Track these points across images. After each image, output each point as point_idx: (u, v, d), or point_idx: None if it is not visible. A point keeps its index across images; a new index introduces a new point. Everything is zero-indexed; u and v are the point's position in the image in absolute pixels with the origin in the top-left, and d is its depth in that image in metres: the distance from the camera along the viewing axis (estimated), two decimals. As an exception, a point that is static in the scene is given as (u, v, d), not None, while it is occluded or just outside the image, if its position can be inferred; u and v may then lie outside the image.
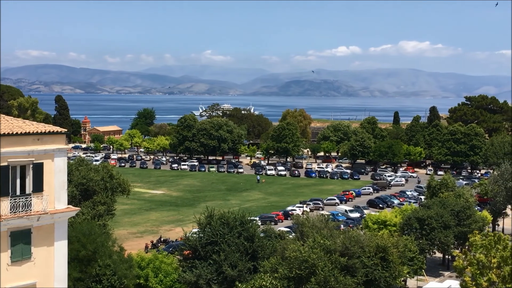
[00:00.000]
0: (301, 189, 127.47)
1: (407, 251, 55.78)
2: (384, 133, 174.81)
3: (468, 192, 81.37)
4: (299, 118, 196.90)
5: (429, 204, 70.58)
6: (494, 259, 45.63)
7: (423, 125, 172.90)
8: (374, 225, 68.99)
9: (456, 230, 65.66)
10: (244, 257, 48.20)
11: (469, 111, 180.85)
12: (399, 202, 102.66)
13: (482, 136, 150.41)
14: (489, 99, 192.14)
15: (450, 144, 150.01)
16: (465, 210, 68.61)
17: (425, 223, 63.94)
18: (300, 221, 56.15)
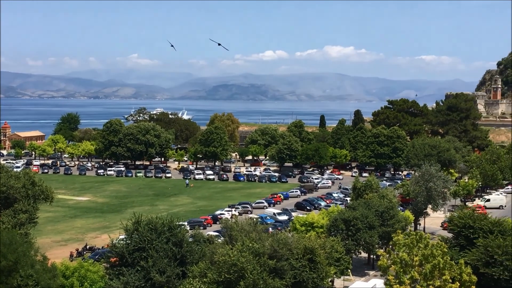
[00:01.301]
0: (229, 193, 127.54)
1: (334, 252, 56.82)
2: (310, 136, 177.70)
3: (391, 193, 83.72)
4: (227, 122, 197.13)
5: (355, 205, 72.18)
6: (416, 257, 47.19)
7: (348, 128, 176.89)
8: (302, 227, 69.88)
9: (380, 230, 67.47)
10: (172, 262, 47.71)
11: (391, 114, 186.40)
12: (326, 204, 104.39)
13: (404, 139, 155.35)
14: (410, 102, 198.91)
15: (374, 146, 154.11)
16: (389, 210, 70.63)
17: (351, 224, 65.32)
18: (229, 225, 56.13)
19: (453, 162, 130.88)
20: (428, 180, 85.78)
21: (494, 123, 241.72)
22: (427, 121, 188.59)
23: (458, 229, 60.07)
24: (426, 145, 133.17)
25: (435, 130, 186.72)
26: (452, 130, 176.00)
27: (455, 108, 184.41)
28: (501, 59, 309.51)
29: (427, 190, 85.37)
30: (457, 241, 59.78)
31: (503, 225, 59.97)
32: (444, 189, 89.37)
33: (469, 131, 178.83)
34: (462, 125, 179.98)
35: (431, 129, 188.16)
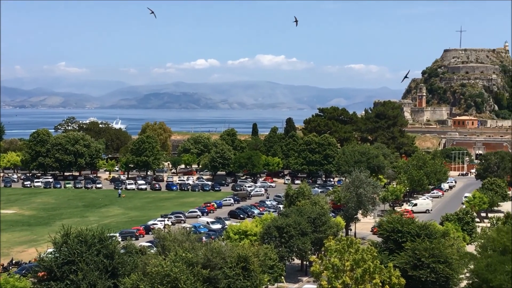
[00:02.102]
0: (162, 202, 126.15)
1: (268, 259, 57.11)
2: (243, 144, 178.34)
3: (323, 199, 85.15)
4: (159, 131, 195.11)
5: (287, 212, 72.89)
6: (348, 262, 48.14)
7: (280, 136, 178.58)
8: (236, 235, 69.90)
9: (313, 236, 68.35)
10: (103, 275, 46.62)
11: (322, 122, 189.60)
12: (259, 212, 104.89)
13: (334, 146, 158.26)
14: (340, 110, 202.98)
15: (306, 154, 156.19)
16: (321, 217, 71.70)
17: (284, 231, 65.88)
18: (162, 235, 55.49)
19: (381, 168, 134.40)
20: (358, 186, 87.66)
21: (420, 129, 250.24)
22: (356, 128, 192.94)
23: (387, 234, 61.63)
24: (356, 152, 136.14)
25: (364, 137, 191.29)
26: (381, 137, 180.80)
27: (383, 115, 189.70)
28: (425, 68, 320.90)
29: (357, 196, 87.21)
30: (386, 245, 61.32)
31: (430, 229, 62.02)
32: (374, 194, 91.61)
33: (397, 138, 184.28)
34: (390, 132, 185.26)
35: (360, 136, 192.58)
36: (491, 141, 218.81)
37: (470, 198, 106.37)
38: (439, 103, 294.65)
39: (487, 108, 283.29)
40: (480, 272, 49.20)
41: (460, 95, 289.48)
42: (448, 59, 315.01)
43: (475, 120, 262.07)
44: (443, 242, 58.88)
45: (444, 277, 53.39)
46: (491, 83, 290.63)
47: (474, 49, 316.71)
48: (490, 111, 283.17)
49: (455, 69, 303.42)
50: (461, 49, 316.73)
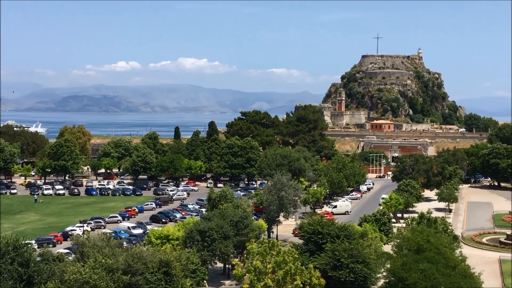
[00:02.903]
0: (81, 208, 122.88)
1: (190, 263, 56.82)
2: (165, 148, 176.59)
3: (245, 202, 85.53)
4: (78, 135, 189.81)
5: (210, 216, 72.76)
6: (269, 264, 48.59)
7: (203, 140, 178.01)
8: (157, 240, 69.09)
9: (235, 239, 68.54)
10: (18, 284, 44.94)
11: (244, 125, 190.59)
12: (182, 216, 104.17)
13: (257, 149, 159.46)
14: (262, 114, 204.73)
15: (228, 157, 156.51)
16: (243, 220, 72.02)
17: (207, 235, 65.73)
18: (80, 241, 54.08)
19: (303, 171, 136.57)
20: (280, 189, 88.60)
21: (340, 133, 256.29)
22: (278, 131, 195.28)
23: (308, 235, 62.71)
24: (277, 155, 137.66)
25: (286, 140, 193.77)
26: (302, 140, 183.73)
27: (304, 119, 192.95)
28: (344, 73, 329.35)
29: (279, 199, 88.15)
30: (307, 247, 62.39)
31: (349, 230, 63.64)
32: (295, 197, 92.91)
33: (317, 141, 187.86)
34: (310, 135, 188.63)
35: (282, 140, 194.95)
36: (406, 144, 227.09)
37: (386, 199, 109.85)
38: (357, 107, 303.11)
39: (402, 112, 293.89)
40: (396, 271, 50.92)
41: (377, 99, 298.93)
42: (366, 64, 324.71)
43: (391, 124, 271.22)
44: (361, 242, 60.58)
45: (363, 276, 54.90)
46: (406, 88, 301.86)
47: (390, 55, 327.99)
48: (405, 115, 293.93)
49: (372, 74, 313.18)
50: (378, 55, 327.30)
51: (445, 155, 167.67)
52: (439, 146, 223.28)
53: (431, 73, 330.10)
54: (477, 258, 77.81)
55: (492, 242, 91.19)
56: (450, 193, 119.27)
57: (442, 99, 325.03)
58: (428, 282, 48.44)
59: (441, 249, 52.60)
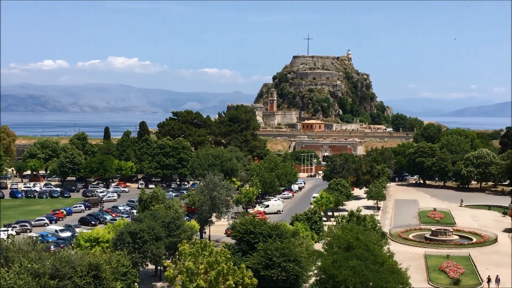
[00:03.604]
0: (6, 211, 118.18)
1: (120, 266, 55.72)
2: (95, 148, 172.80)
3: (177, 203, 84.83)
4: (2, 135, 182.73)
5: (141, 217, 71.66)
6: (202, 265, 48.34)
7: (134, 140, 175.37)
8: (87, 243, 67.45)
9: (167, 241, 67.77)
10: None
11: (176, 125, 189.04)
12: (112, 218, 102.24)
13: (188, 149, 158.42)
14: (194, 114, 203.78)
15: (160, 157, 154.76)
16: (175, 221, 71.30)
17: (138, 237, 64.68)
18: (5, 246, 52.09)
19: (235, 171, 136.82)
20: (212, 189, 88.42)
21: (271, 133, 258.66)
22: (210, 131, 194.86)
23: (240, 235, 62.81)
24: (210, 155, 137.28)
25: (218, 140, 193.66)
26: (234, 140, 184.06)
27: (236, 119, 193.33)
28: (276, 74, 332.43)
29: (212, 199, 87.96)
30: (239, 247, 62.50)
31: (281, 229, 64.19)
32: (227, 197, 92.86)
33: (249, 141, 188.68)
34: (243, 135, 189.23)
35: (214, 140, 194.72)
36: (337, 143, 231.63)
37: (317, 198, 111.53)
38: (289, 107, 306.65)
39: (332, 112, 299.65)
40: (326, 269, 51.72)
41: (308, 99, 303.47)
42: (297, 65, 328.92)
43: (322, 123, 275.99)
44: (293, 241, 61.20)
45: (294, 275, 55.48)
46: (336, 89, 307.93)
47: (320, 56, 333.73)
48: (335, 115, 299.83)
49: (303, 75, 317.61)
50: (309, 56, 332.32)
51: (374, 154, 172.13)
52: (368, 145, 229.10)
53: (360, 74, 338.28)
54: (404, 254, 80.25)
55: (418, 238, 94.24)
56: (378, 191, 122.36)
57: (370, 99, 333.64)
58: (357, 279, 49.46)
59: (370, 246, 53.80)
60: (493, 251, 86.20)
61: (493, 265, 77.10)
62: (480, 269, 74.16)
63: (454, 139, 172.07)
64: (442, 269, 73.90)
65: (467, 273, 72.50)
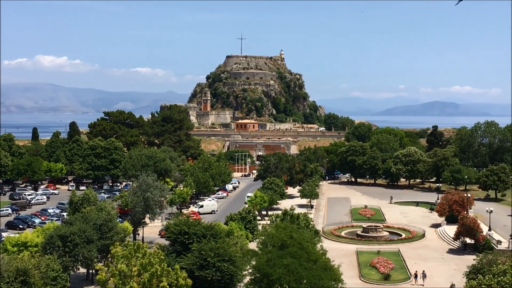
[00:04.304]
0: None
1: (50, 270, 54.18)
2: (22, 150, 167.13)
3: (109, 205, 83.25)
4: None
5: (72, 220, 69.92)
6: (135, 267, 47.61)
7: (64, 141, 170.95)
8: (14, 248, 65.15)
9: (99, 243, 66.40)
10: None
11: (108, 126, 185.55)
12: (41, 221, 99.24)
13: (121, 150, 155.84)
14: (127, 114, 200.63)
15: (91, 158, 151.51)
16: (107, 223, 69.94)
17: (68, 240, 63.04)
18: None
19: (169, 172, 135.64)
20: (145, 190, 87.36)
21: (205, 133, 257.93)
22: (143, 132, 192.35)
23: (174, 236, 62.27)
24: (143, 156, 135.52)
25: (151, 140, 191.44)
26: (167, 140, 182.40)
27: (169, 119, 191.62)
28: (210, 73, 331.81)
29: (145, 200, 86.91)
30: (173, 248, 61.97)
31: (215, 229, 64.05)
32: (161, 198, 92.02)
33: (183, 141, 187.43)
34: (176, 135, 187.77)
35: (147, 140, 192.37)
36: (270, 143, 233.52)
37: (252, 197, 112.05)
38: (223, 107, 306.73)
39: (266, 112, 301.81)
40: (261, 267, 51.97)
41: (242, 99, 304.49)
42: (230, 65, 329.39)
43: (255, 123, 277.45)
44: (227, 241, 61.19)
45: (229, 274, 55.48)
46: (269, 89, 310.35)
47: (254, 56, 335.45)
48: (269, 115, 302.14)
49: (237, 74, 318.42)
50: (242, 56, 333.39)
51: (307, 153, 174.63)
52: (301, 144, 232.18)
53: (293, 74, 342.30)
54: (337, 251, 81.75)
55: (350, 235, 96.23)
56: (311, 190, 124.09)
57: (303, 99, 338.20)
58: (291, 277, 49.95)
59: (303, 244, 54.42)
60: (421, 246, 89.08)
61: (421, 259, 79.72)
62: (409, 264, 76.50)
63: (384, 138, 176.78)
64: (373, 264, 75.74)
65: (396, 268, 74.62)
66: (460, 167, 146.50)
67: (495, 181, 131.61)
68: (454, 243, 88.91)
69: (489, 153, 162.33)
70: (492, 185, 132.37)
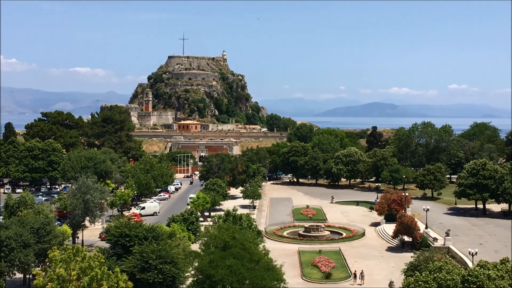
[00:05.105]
0: None
1: (-16, 277, 52.36)
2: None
3: (47, 208, 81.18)
4: None
5: (7, 224, 67.73)
6: (74, 271, 46.59)
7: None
8: None
9: (36, 247, 64.59)
10: None
11: (46, 127, 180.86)
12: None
13: (59, 151, 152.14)
14: (65, 114, 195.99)
15: (28, 160, 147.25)
16: (45, 226, 68.10)
17: (4, 245, 61.06)
18: None
19: (109, 173, 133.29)
20: (85, 193, 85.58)
21: (147, 134, 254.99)
22: (83, 133, 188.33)
23: (115, 239, 61.31)
24: (82, 157, 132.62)
25: (91, 142, 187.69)
26: (108, 142, 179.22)
27: (110, 120, 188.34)
28: (151, 74, 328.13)
29: (85, 203, 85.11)
30: (114, 251, 61.00)
31: (157, 231, 63.42)
32: (101, 200, 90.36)
33: (124, 142, 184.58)
34: (117, 136, 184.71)
35: (87, 141, 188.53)
36: (213, 144, 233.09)
37: (194, 198, 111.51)
38: (165, 108, 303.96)
39: (208, 113, 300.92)
40: (203, 269, 51.80)
41: (184, 100, 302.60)
42: (172, 65, 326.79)
43: (198, 124, 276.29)
44: (169, 243, 60.73)
45: (171, 276, 55.03)
46: (212, 89, 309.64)
47: (196, 56, 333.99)
48: (211, 115, 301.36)
49: (179, 75, 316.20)
50: (184, 56, 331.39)
51: (249, 154, 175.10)
52: (244, 145, 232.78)
53: (235, 75, 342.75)
54: (279, 251, 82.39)
55: (292, 235, 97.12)
56: (254, 191, 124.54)
57: (245, 100, 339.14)
58: (234, 277, 49.98)
59: (246, 244, 54.58)
60: (361, 244, 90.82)
61: (361, 258, 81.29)
62: (350, 262, 77.87)
63: (325, 139, 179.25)
64: (314, 264, 76.70)
65: (337, 266, 75.80)
66: (398, 167, 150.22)
67: (432, 180, 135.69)
68: (393, 241, 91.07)
69: (426, 153, 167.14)
70: (429, 184, 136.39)
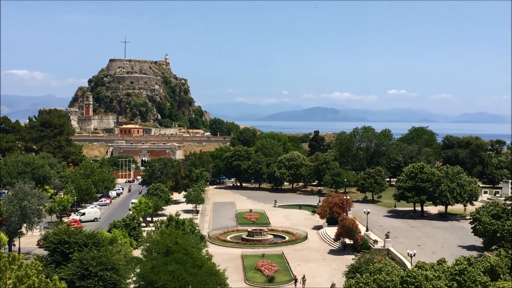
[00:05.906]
0: None
1: None
2: None
3: (-18, 215, 78.38)
4: None
5: None
6: (10, 280, 45.03)
7: None
8: None
9: (-30, 256, 62.25)
10: None
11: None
12: None
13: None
14: (1, 118, 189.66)
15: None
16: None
17: None
18: None
19: (48, 179, 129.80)
20: (22, 199, 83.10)
21: (88, 138, 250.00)
22: (20, 137, 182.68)
23: (53, 246, 59.73)
24: (19, 163, 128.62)
25: (29, 146, 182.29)
26: (47, 146, 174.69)
27: (48, 124, 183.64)
28: (92, 77, 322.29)
29: (22, 209, 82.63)
30: (53, 258, 59.42)
31: (97, 237, 62.17)
32: (39, 206, 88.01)
33: (64, 147, 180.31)
34: (56, 141, 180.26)
35: (24, 146, 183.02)
36: (155, 148, 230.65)
37: (136, 204, 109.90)
38: (106, 112, 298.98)
39: (151, 117, 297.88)
40: (145, 275, 51.10)
41: (126, 104, 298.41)
42: (114, 68, 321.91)
43: (140, 128, 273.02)
44: (110, 249, 59.62)
45: (112, 283, 53.99)
46: (154, 93, 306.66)
47: (138, 60, 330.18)
48: (154, 119, 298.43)
49: (120, 78, 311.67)
50: (126, 60, 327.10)
51: (192, 158, 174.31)
52: (187, 149, 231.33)
53: (178, 79, 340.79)
54: (222, 256, 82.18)
55: (235, 239, 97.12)
56: (197, 195, 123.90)
57: (188, 104, 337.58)
58: (177, 283, 49.50)
59: (188, 249, 54.17)
60: (303, 247, 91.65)
61: (304, 261, 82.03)
62: (293, 266, 78.42)
63: (268, 143, 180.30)
64: (257, 268, 76.87)
65: (280, 270, 76.21)
66: (340, 171, 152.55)
67: (372, 184, 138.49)
68: (335, 243, 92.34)
69: (367, 157, 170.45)
70: (369, 188, 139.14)
